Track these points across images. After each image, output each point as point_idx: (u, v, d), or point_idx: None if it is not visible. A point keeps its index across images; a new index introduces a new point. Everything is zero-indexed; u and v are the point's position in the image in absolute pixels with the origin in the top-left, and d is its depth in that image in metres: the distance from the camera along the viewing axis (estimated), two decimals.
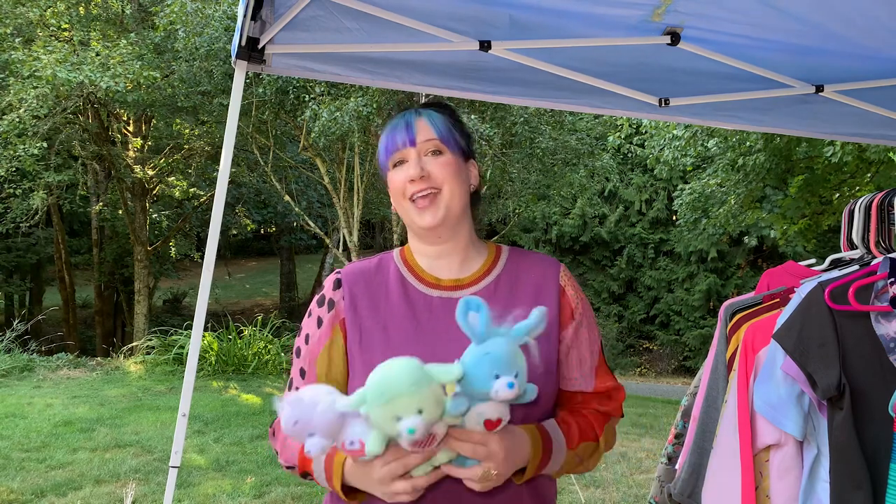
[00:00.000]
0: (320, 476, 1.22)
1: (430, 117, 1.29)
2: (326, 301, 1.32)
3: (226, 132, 2.02)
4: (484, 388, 1.07)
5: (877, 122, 2.50)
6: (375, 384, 1.03)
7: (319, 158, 11.02)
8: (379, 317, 1.28)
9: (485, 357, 1.07)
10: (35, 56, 9.01)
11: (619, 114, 2.49)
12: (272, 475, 5.25)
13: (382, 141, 1.31)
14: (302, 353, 1.32)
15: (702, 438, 1.79)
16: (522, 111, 10.17)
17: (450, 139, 1.29)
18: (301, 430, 1.06)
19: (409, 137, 1.26)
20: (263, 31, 1.91)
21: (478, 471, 1.10)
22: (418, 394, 1.01)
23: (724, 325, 1.82)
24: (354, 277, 1.33)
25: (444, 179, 1.26)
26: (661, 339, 17.24)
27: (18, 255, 17.18)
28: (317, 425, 1.05)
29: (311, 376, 1.30)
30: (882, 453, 1.39)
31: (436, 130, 1.28)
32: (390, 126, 1.30)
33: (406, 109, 1.34)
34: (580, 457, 1.28)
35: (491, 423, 1.09)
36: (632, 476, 5.40)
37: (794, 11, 1.75)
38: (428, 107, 1.34)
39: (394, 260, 1.36)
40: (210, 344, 9.86)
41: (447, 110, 1.35)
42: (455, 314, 1.11)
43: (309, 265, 24.71)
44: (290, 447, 1.27)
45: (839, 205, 8.53)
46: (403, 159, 1.27)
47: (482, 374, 1.06)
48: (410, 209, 1.27)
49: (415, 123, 1.28)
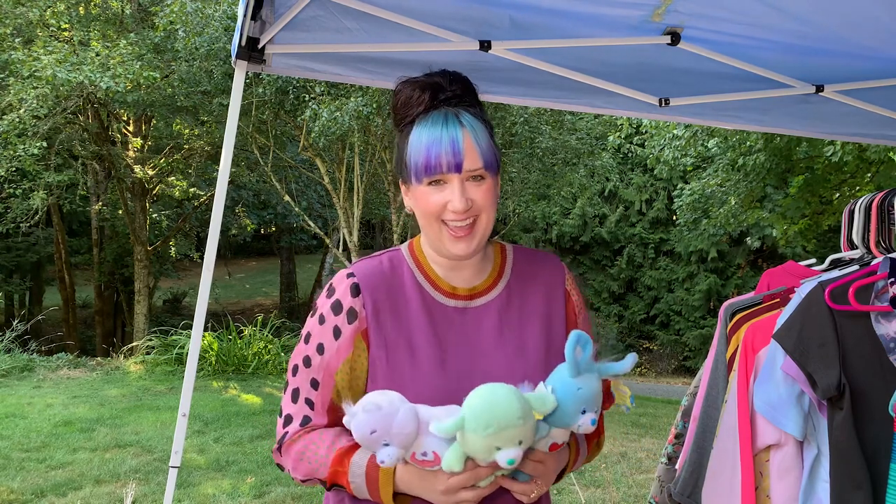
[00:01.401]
0: (359, 488, 1.17)
1: (475, 133, 1.17)
2: (346, 310, 1.24)
3: (226, 132, 2.01)
4: (570, 420, 1.11)
5: (877, 122, 2.50)
6: (479, 413, 1.02)
7: (319, 158, 11.02)
8: (402, 329, 1.23)
9: (577, 392, 1.10)
10: (35, 56, 9.01)
11: (619, 114, 2.49)
12: (272, 475, 5.25)
13: (419, 148, 1.16)
14: (314, 365, 1.25)
15: (702, 438, 1.79)
16: (522, 111, 10.17)
17: (492, 162, 1.18)
18: (377, 439, 1.06)
19: (455, 162, 1.14)
20: (263, 31, 1.91)
21: (532, 487, 1.14)
22: (524, 427, 1.03)
23: (724, 325, 1.82)
24: (373, 283, 1.25)
25: (483, 207, 1.18)
26: (662, 339, 17.24)
27: (18, 255, 17.18)
28: (395, 436, 1.05)
29: (328, 389, 1.24)
30: (882, 453, 1.40)
31: (482, 156, 1.16)
32: (429, 131, 1.16)
33: (443, 99, 1.20)
34: (589, 453, 1.35)
35: (556, 446, 1.14)
36: (632, 476, 5.40)
37: (795, 11, 1.75)
38: (466, 107, 1.21)
39: (406, 262, 1.29)
40: (210, 344, 9.86)
41: (483, 114, 1.23)
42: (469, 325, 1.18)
43: (309, 265, 24.71)
44: (313, 460, 1.20)
45: (839, 205, 8.53)
46: (444, 181, 1.17)
47: (570, 408, 1.10)
48: (444, 235, 1.19)
49: (462, 142, 1.15)
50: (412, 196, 1.22)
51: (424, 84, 1.21)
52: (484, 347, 1.24)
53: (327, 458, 1.19)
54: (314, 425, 1.25)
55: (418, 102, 1.20)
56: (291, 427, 1.26)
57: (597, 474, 5.38)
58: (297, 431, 1.25)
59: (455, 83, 1.22)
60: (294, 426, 1.26)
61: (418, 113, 1.20)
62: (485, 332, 1.25)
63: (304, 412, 1.25)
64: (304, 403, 1.25)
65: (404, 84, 1.24)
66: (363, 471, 1.16)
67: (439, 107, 1.19)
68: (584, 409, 1.10)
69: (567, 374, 1.10)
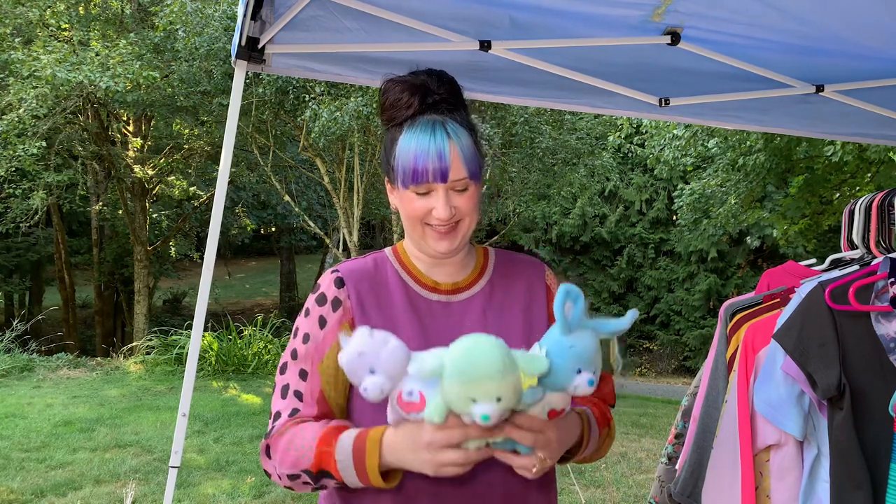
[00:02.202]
0: (346, 467, 1.11)
1: (461, 143, 1.21)
2: (330, 300, 1.27)
3: (226, 132, 2.02)
4: (565, 381, 1.03)
5: (877, 122, 2.50)
6: (458, 359, 0.97)
7: (319, 158, 11.02)
8: (387, 321, 1.25)
9: (570, 350, 1.03)
10: (35, 56, 9.01)
11: (619, 114, 2.49)
12: None
13: (408, 156, 1.20)
14: (300, 355, 1.25)
15: (702, 438, 1.79)
16: (522, 111, 10.17)
17: (476, 172, 1.23)
18: (365, 363, 1.00)
19: (440, 172, 1.19)
20: (263, 31, 1.91)
21: (533, 461, 1.06)
22: (502, 382, 0.96)
23: (725, 325, 1.82)
24: (356, 276, 1.29)
25: (466, 213, 1.23)
26: (662, 339, 17.24)
27: (18, 255, 17.18)
28: (383, 362, 1.00)
29: (317, 378, 1.24)
30: (882, 453, 1.39)
31: (466, 167, 1.21)
32: (417, 140, 1.20)
33: (430, 103, 1.24)
34: (601, 441, 1.30)
35: (554, 413, 1.07)
36: (632, 476, 5.40)
37: (795, 11, 1.75)
38: (452, 112, 1.25)
39: (389, 260, 1.33)
40: (210, 344, 9.86)
41: (467, 118, 1.27)
42: (454, 317, 1.13)
43: (309, 265, 24.71)
44: (299, 447, 1.16)
45: (839, 205, 8.53)
46: (430, 190, 1.22)
47: (564, 367, 1.03)
48: (428, 234, 1.24)
49: (448, 154, 1.19)
50: (398, 198, 1.27)
51: (413, 86, 1.25)
52: None
53: (314, 440, 1.15)
54: (303, 416, 1.23)
55: (407, 105, 1.24)
56: (279, 421, 1.23)
57: (597, 474, 5.38)
58: (285, 423, 1.22)
59: (442, 85, 1.26)
60: (282, 419, 1.23)
61: (407, 117, 1.24)
62: (468, 325, 1.27)
63: (294, 405, 1.24)
64: (293, 396, 1.24)
65: (392, 83, 1.27)
66: (350, 445, 1.11)
67: (427, 112, 1.23)
68: (580, 367, 1.02)
69: (558, 332, 1.04)
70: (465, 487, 1.20)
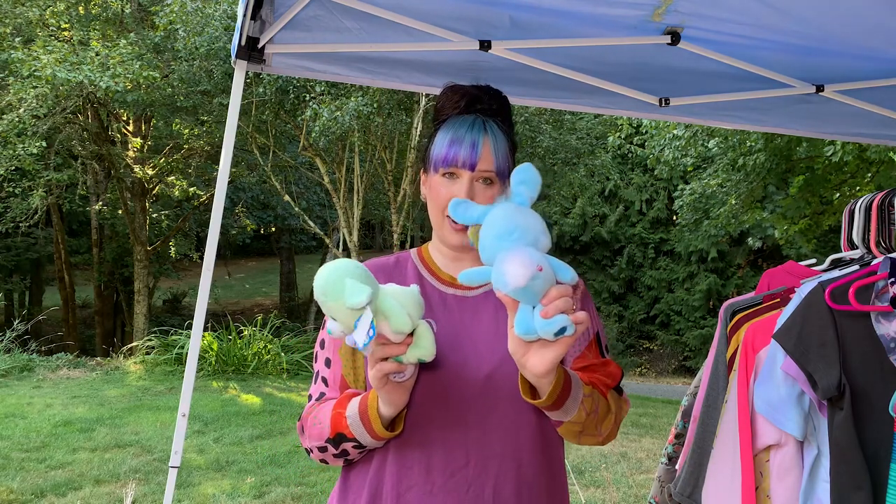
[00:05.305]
0: (355, 423, 1.20)
1: (496, 140, 1.28)
2: None
3: (226, 132, 2.01)
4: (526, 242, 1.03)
5: (877, 122, 2.50)
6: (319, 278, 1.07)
7: (319, 158, 11.02)
8: None
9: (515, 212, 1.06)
10: (35, 56, 9.01)
11: (619, 114, 2.49)
12: (272, 475, 5.25)
13: (443, 142, 1.28)
14: (326, 344, 1.35)
15: (702, 438, 1.79)
16: (522, 111, 10.17)
17: (505, 171, 1.28)
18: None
19: (470, 160, 1.26)
20: (263, 31, 1.91)
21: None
22: (335, 304, 1.05)
23: (725, 325, 1.82)
24: (375, 267, 1.36)
25: None
26: (662, 339, 17.24)
27: (18, 255, 17.17)
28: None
29: (337, 366, 1.32)
30: (882, 453, 1.39)
31: (496, 160, 1.27)
32: (455, 129, 1.28)
33: (478, 108, 1.31)
34: (595, 406, 1.22)
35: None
36: (632, 476, 5.40)
37: (795, 11, 1.75)
38: (495, 114, 1.32)
39: (411, 257, 1.40)
40: (210, 344, 9.87)
41: (510, 132, 1.34)
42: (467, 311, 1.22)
43: (309, 265, 24.70)
44: (323, 419, 1.25)
45: (839, 205, 8.53)
46: (456, 175, 1.28)
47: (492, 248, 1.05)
48: (446, 226, 1.30)
49: (481, 145, 1.26)
50: (428, 184, 1.34)
51: (466, 92, 1.34)
52: (481, 334, 1.28)
53: (332, 410, 1.25)
54: (328, 398, 1.32)
55: (454, 106, 1.33)
56: (310, 403, 1.34)
57: (597, 474, 5.38)
58: (313, 405, 1.33)
59: (493, 99, 1.35)
60: (312, 402, 1.34)
61: (452, 114, 1.33)
62: (482, 320, 1.30)
63: (321, 389, 1.34)
64: (321, 382, 1.34)
65: (450, 88, 1.36)
66: (357, 402, 1.21)
67: (472, 113, 1.32)
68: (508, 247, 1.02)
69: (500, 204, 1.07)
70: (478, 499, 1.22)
